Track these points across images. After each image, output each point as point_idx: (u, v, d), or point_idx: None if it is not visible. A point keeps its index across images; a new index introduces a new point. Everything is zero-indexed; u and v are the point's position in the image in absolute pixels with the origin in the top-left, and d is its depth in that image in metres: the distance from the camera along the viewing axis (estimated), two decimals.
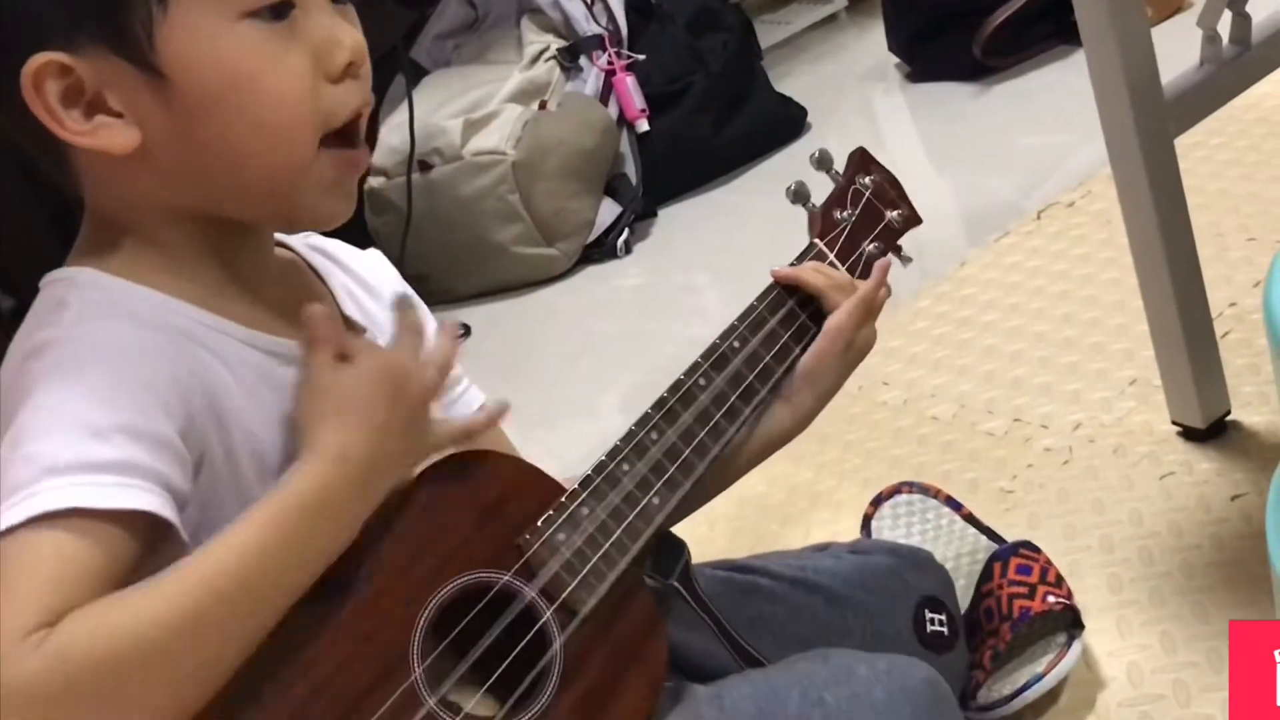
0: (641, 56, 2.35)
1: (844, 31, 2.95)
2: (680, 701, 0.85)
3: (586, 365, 1.97)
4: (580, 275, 2.24)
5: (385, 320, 0.86)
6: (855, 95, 2.62)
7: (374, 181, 2.26)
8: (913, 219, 1.03)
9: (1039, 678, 1.05)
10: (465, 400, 0.94)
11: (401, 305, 0.82)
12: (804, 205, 0.98)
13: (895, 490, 1.24)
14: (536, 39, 2.37)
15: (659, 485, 0.84)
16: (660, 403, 0.87)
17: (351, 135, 0.76)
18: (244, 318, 0.76)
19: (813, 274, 0.95)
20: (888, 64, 2.60)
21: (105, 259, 0.75)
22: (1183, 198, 1.23)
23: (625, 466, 0.83)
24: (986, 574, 1.11)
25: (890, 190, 1.02)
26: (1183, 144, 1.23)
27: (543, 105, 2.28)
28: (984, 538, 1.19)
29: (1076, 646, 1.07)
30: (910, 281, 1.79)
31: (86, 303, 0.72)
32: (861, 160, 1.02)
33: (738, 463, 0.94)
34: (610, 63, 2.33)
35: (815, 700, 0.82)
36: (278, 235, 0.85)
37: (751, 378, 0.90)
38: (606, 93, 2.32)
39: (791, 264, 0.96)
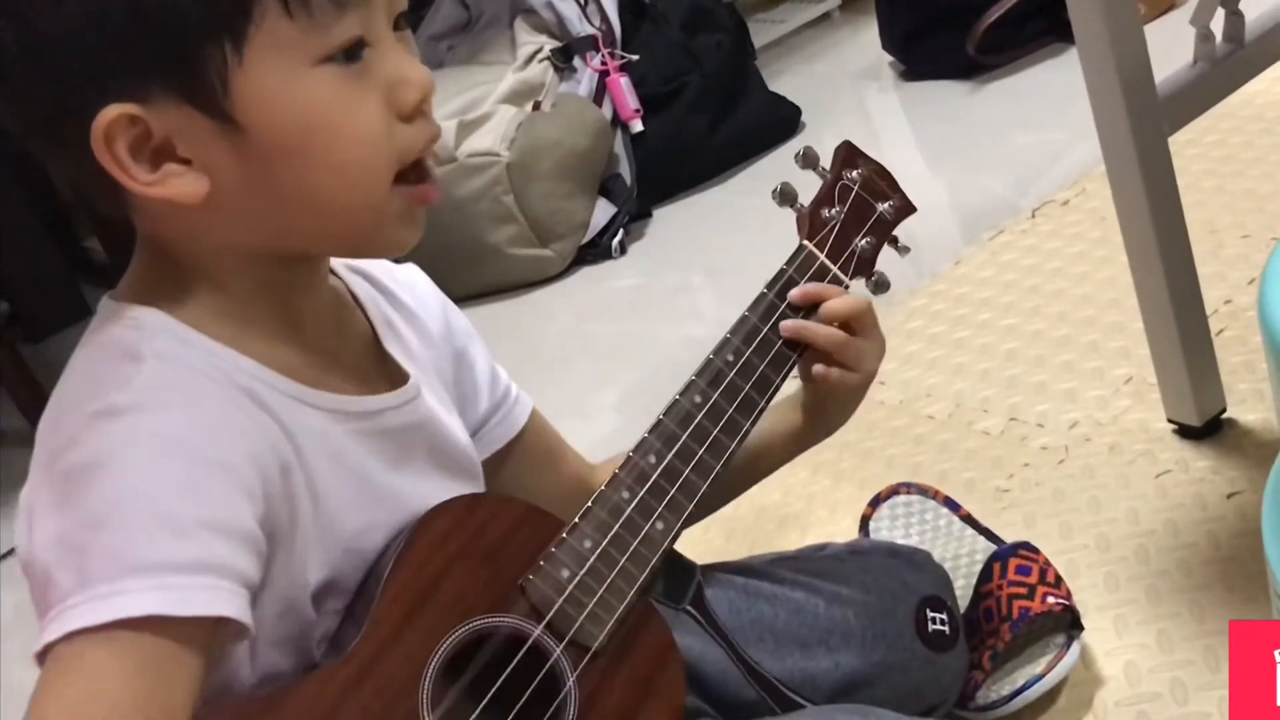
0: (635, 57, 2.35)
1: (838, 30, 2.95)
2: None
3: (582, 366, 1.97)
4: (575, 276, 2.24)
5: (424, 353, 0.85)
6: (849, 94, 2.62)
7: None
8: (906, 208, 1.00)
9: (1038, 678, 1.05)
10: (517, 413, 0.93)
11: None
12: (791, 206, 0.96)
13: (893, 491, 1.24)
14: (530, 40, 2.36)
15: (661, 509, 0.82)
16: (656, 425, 0.86)
17: (421, 169, 0.75)
18: (301, 372, 0.74)
19: (817, 333, 0.91)
20: (882, 62, 2.60)
21: (171, 301, 0.72)
22: (1177, 195, 1.23)
23: (625, 494, 0.82)
24: (986, 574, 1.10)
25: (880, 182, 0.99)
26: (1177, 142, 1.23)
27: (536, 106, 2.28)
28: (982, 538, 1.19)
29: (1075, 647, 1.07)
30: (906, 280, 1.79)
31: (161, 359, 0.69)
32: (848, 154, 0.99)
33: (752, 475, 0.95)
34: (604, 63, 2.32)
35: None
36: None
37: (748, 389, 0.88)
38: (600, 93, 2.32)
39: (781, 269, 0.93)
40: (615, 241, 2.25)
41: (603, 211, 2.27)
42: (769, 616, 0.99)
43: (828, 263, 0.94)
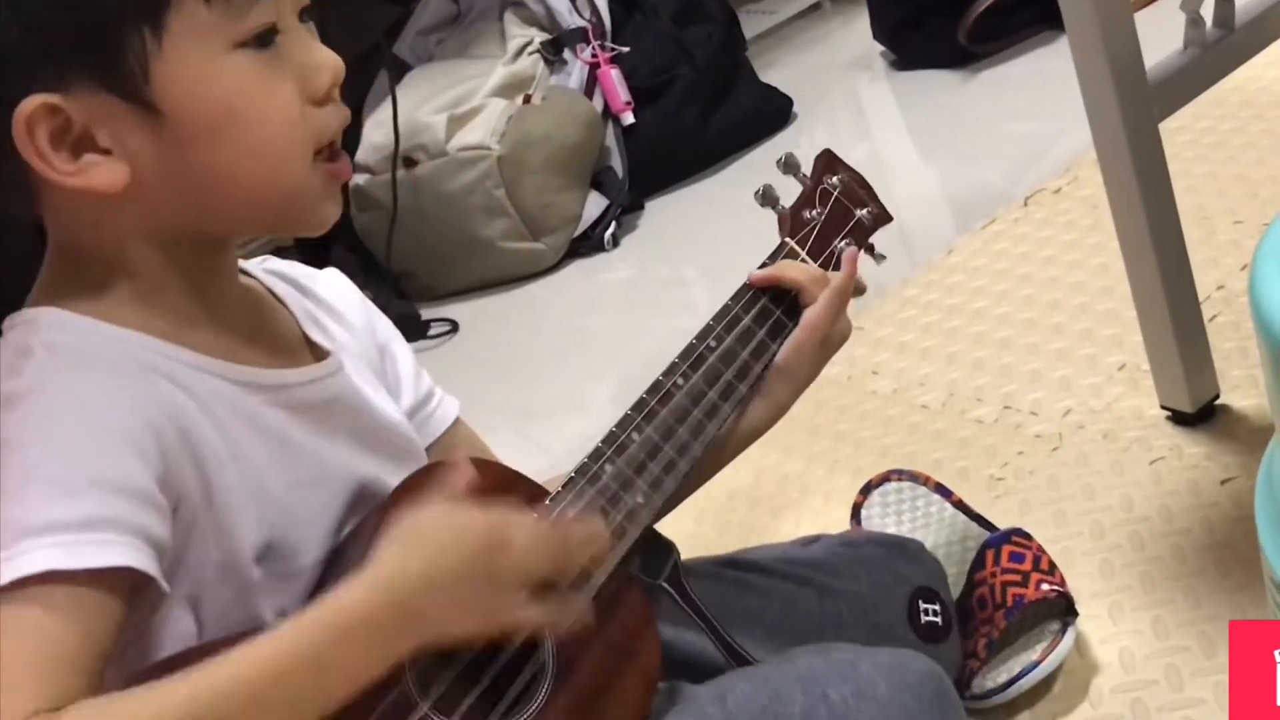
0: (626, 49, 2.34)
1: (828, 21, 2.95)
2: (678, 702, 0.84)
3: (575, 359, 1.97)
4: (567, 269, 2.23)
5: (348, 341, 0.87)
6: (841, 84, 2.61)
7: (359, 179, 2.25)
8: (883, 217, 1.03)
9: (1034, 665, 1.05)
10: (439, 415, 0.93)
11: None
12: (773, 208, 0.98)
13: (884, 478, 1.24)
14: (520, 33, 2.35)
15: (643, 485, 0.84)
16: (640, 404, 0.87)
17: (334, 148, 0.78)
18: (212, 348, 0.76)
19: (790, 269, 0.95)
20: (873, 52, 2.60)
21: (69, 296, 0.74)
22: (1168, 182, 1.23)
23: (608, 468, 0.83)
24: (979, 562, 1.10)
25: (859, 189, 1.02)
26: (1168, 128, 1.23)
27: (527, 99, 2.27)
28: (975, 525, 1.19)
29: (1070, 634, 1.07)
30: (898, 270, 1.79)
31: (51, 349, 0.71)
32: (828, 161, 1.02)
33: (720, 457, 0.94)
34: (594, 55, 2.32)
35: (819, 697, 0.81)
36: (240, 264, 0.85)
37: (729, 375, 0.91)
38: (591, 86, 2.31)
39: (764, 264, 0.96)
40: (607, 234, 2.24)
41: (594, 204, 2.26)
42: (758, 608, 0.99)
43: (808, 260, 0.97)
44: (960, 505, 1.21)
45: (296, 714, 0.66)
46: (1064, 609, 1.08)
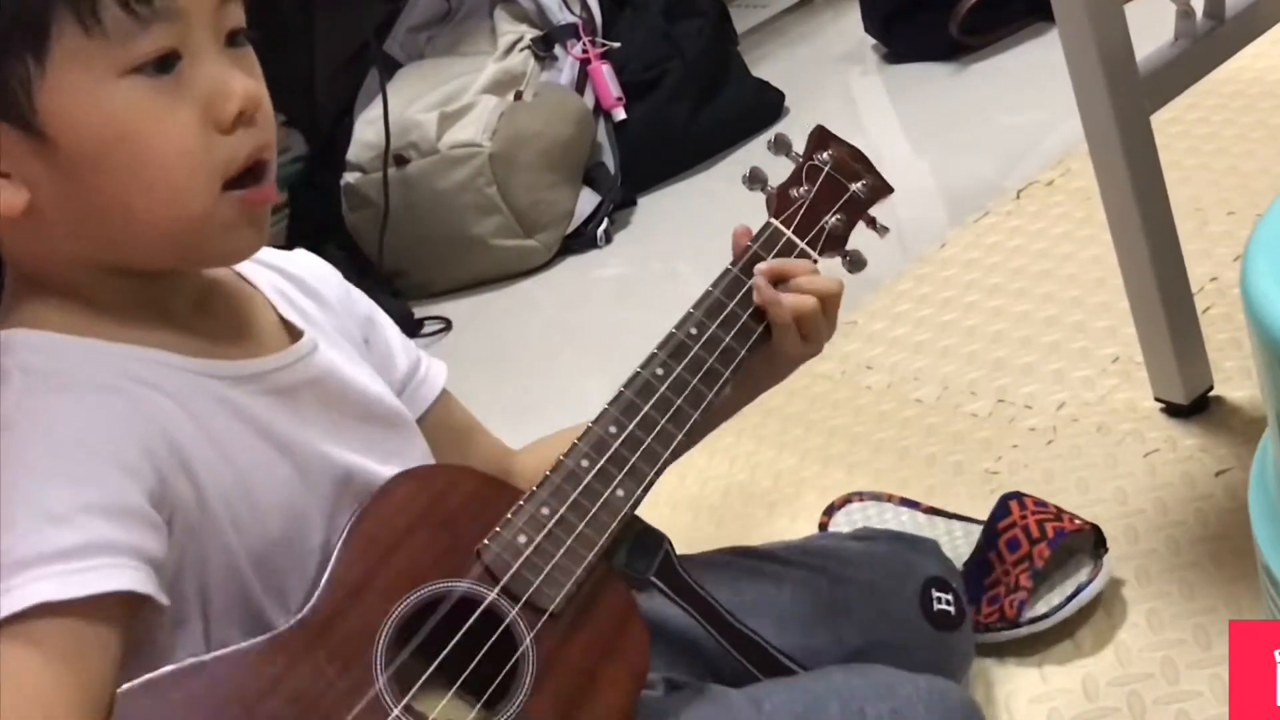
0: (616, 44, 2.34)
1: (820, 14, 2.94)
2: (713, 702, 0.84)
3: (569, 356, 1.96)
4: (560, 266, 2.23)
5: (325, 317, 0.86)
6: (833, 78, 2.61)
7: (350, 177, 2.25)
8: (881, 189, 1.00)
9: (1085, 584, 1.09)
10: (430, 382, 0.93)
11: None
12: (761, 189, 0.97)
13: (846, 500, 1.25)
14: (510, 29, 2.35)
15: (621, 476, 0.83)
16: (617, 397, 0.86)
17: (256, 174, 0.75)
18: (185, 347, 0.75)
19: (783, 300, 0.91)
20: (864, 45, 2.60)
21: (38, 317, 0.73)
22: (1160, 174, 1.23)
23: (584, 463, 0.82)
24: (1003, 512, 1.14)
25: (853, 163, 0.99)
26: (1160, 120, 1.23)
27: (518, 96, 2.27)
28: (954, 522, 1.20)
29: (1106, 561, 1.12)
30: (892, 264, 1.79)
31: (27, 371, 0.70)
32: (820, 138, 1.00)
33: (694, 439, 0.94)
34: (585, 51, 2.31)
35: (856, 712, 0.82)
36: None
37: (713, 361, 0.89)
38: (582, 82, 2.30)
39: (746, 245, 0.94)
40: (600, 230, 2.24)
41: (587, 201, 2.26)
42: (772, 594, 0.99)
43: (795, 238, 0.95)
44: (933, 510, 1.22)
45: None
46: (1095, 541, 1.13)
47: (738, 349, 0.90)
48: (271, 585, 0.76)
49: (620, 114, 2.32)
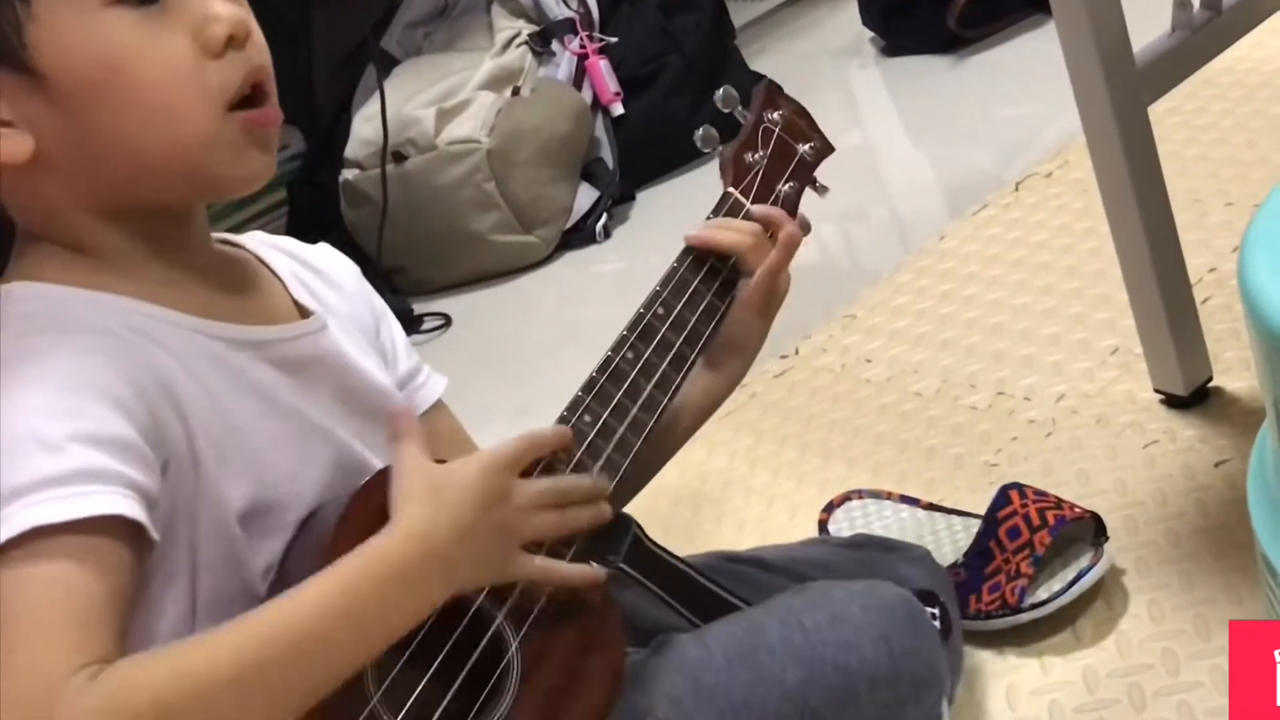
0: (614, 39, 2.34)
1: (817, 7, 2.94)
2: (662, 653, 0.85)
3: (568, 352, 1.96)
4: (559, 262, 2.23)
5: (340, 305, 0.87)
6: (830, 71, 2.61)
7: (349, 174, 2.25)
8: (825, 149, 1.00)
9: (1087, 570, 1.09)
10: (425, 392, 0.93)
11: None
12: (713, 151, 0.96)
13: (845, 498, 1.26)
14: (507, 25, 2.35)
15: (596, 469, 0.83)
16: (589, 383, 0.86)
17: (257, 99, 0.76)
18: (190, 306, 0.76)
19: (724, 233, 0.93)
20: (862, 39, 2.59)
21: (44, 269, 0.74)
22: (1158, 165, 1.23)
23: (560, 455, 0.82)
24: (1003, 501, 1.14)
25: (800, 122, 1.00)
26: (1157, 110, 1.23)
27: (516, 91, 2.27)
28: (953, 517, 1.20)
29: (1107, 548, 1.12)
30: (891, 256, 1.79)
31: (24, 317, 0.71)
32: (768, 95, 1.00)
33: (674, 436, 0.94)
34: (582, 46, 2.31)
35: (795, 626, 0.84)
36: (230, 236, 0.85)
37: (680, 343, 0.89)
38: (579, 77, 2.30)
39: (707, 218, 0.94)
40: (599, 226, 2.24)
41: (585, 196, 2.26)
42: (756, 602, 0.98)
43: (753, 209, 0.95)
44: (932, 507, 1.22)
45: (335, 665, 0.68)
46: (1095, 530, 1.13)
47: (703, 330, 0.90)
48: (258, 546, 0.76)
49: (618, 109, 2.31)
